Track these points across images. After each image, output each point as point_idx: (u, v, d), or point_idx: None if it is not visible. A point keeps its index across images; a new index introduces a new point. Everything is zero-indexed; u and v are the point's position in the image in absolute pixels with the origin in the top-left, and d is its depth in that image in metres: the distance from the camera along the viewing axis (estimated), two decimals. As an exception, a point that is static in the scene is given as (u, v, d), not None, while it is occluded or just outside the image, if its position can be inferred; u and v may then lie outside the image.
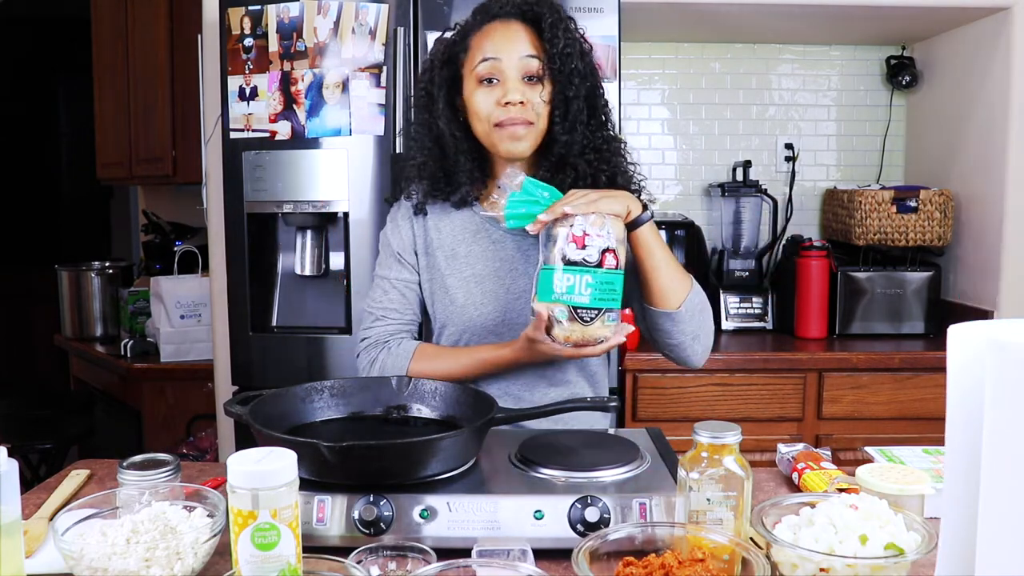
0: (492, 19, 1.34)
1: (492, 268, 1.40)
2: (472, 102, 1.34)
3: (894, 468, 1.02)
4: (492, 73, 1.32)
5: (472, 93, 1.34)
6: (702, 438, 0.92)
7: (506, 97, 1.30)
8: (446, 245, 1.42)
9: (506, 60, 1.31)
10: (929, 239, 2.52)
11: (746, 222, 2.72)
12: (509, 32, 1.33)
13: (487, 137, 1.34)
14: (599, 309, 1.19)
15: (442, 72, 1.37)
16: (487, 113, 1.32)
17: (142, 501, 1.00)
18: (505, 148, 1.33)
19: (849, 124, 2.95)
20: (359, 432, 1.20)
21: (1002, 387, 0.62)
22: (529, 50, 1.32)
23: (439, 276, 1.42)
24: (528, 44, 1.32)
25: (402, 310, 1.45)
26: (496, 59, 1.31)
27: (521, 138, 1.32)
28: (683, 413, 2.28)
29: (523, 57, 1.31)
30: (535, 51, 1.32)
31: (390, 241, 1.46)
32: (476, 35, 1.35)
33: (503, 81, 1.31)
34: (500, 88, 1.31)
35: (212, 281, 2.41)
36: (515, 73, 1.31)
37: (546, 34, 1.31)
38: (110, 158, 3.58)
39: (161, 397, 2.89)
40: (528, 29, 1.33)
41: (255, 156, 2.01)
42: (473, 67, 1.33)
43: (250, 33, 2.00)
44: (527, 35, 1.33)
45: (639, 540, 0.89)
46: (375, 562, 0.90)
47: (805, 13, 2.48)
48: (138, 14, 3.27)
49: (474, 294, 1.40)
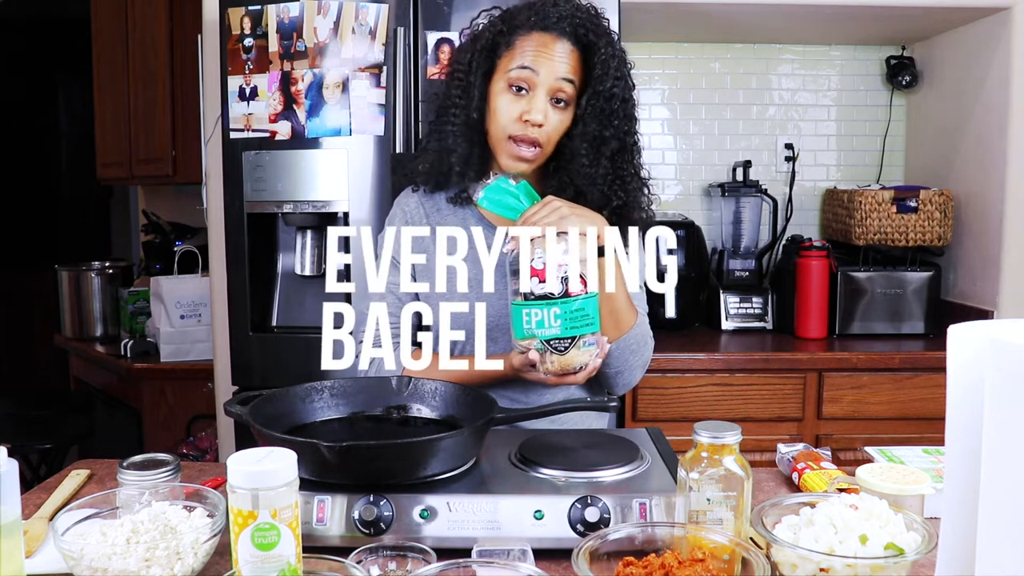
0: (545, 28, 1.30)
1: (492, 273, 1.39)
2: (496, 103, 1.31)
3: (894, 468, 1.02)
4: (524, 83, 1.29)
5: (499, 94, 1.31)
6: (702, 438, 0.92)
7: (529, 114, 1.28)
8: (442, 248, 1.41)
9: (543, 75, 1.28)
10: (929, 239, 2.52)
11: (746, 222, 2.72)
12: (555, 48, 1.29)
13: (496, 144, 1.33)
14: (572, 337, 1.18)
15: (480, 58, 1.33)
16: (506, 122, 1.30)
17: (142, 501, 1.00)
18: (506, 162, 1.32)
19: (849, 124, 2.95)
20: (359, 432, 1.20)
21: (1002, 387, 0.62)
22: (568, 73, 1.29)
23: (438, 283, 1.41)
24: (569, 67, 1.29)
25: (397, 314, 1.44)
26: (533, 70, 1.28)
27: (526, 160, 1.31)
28: (683, 413, 2.28)
29: (559, 78, 1.28)
30: (574, 75, 1.29)
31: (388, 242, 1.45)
32: (523, 37, 1.31)
33: (532, 95, 1.29)
34: (526, 101, 1.29)
35: (212, 281, 2.41)
36: (545, 91, 1.29)
37: (596, 70, 1.28)
38: (110, 158, 3.58)
39: (161, 397, 2.89)
40: (576, 52, 1.30)
41: (255, 156, 2.01)
42: (508, 68, 1.30)
43: (250, 33, 2.00)
44: (573, 57, 1.29)
45: (639, 540, 0.89)
46: (375, 562, 0.90)
47: (805, 13, 2.48)
48: (138, 14, 3.27)
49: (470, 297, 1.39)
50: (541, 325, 1.18)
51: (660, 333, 1.60)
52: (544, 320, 1.17)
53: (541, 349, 1.20)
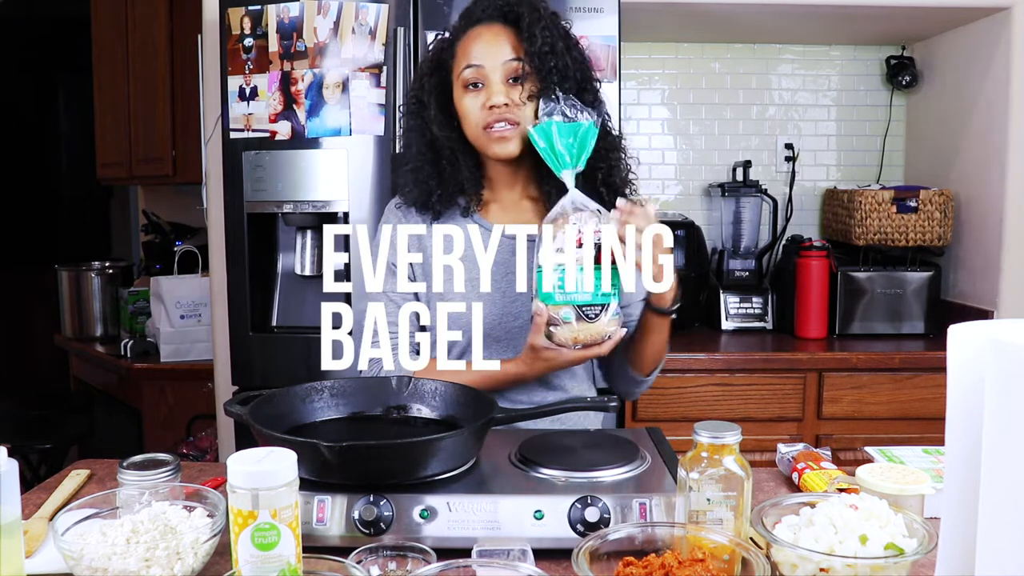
0: (476, 23, 1.36)
1: (488, 273, 1.39)
2: (461, 107, 1.36)
3: (894, 468, 1.02)
4: (476, 78, 1.34)
5: (460, 99, 1.36)
6: (702, 438, 0.92)
7: (490, 100, 1.32)
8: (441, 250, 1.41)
9: (489, 65, 1.33)
10: (929, 239, 2.52)
11: (746, 222, 2.72)
12: (491, 36, 1.34)
13: (477, 140, 1.36)
14: (603, 305, 1.20)
15: (431, 78, 1.39)
16: (475, 118, 1.34)
17: (142, 501, 1.00)
18: (494, 150, 1.35)
19: (849, 124, 2.95)
20: (359, 432, 1.20)
21: (1002, 387, 0.62)
22: (510, 53, 1.33)
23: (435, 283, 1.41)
24: (509, 47, 1.34)
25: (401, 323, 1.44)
26: (479, 65, 1.33)
27: (509, 139, 1.33)
28: (683, 413, 2.28)
29: (505, 61, 1.33)
30: (516, 53, 1.33)
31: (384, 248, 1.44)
32: (462, 40, 1.36)
33: (487, 85, 1.33)
34: (485, 92, 1.33)
35: (212, 281, 2.41)
36: (498, 76, 1.33)
37: (524, 34, 1.33)
38: (110, 158, 3.58)
39: (161, 397, 2.89)
40: (510, 31, 1.35)
41: (255, 156, 2.01)
42: (459, 73, 1.35)
43: (250, 33, 2.00)
44: (509, 37, 1.34)
45: (639, 540, 0.89)
46: (375, 562, 0.90)
47: (805, 13, 2.48)
48: (138, 14, 3.27)
49: (468, 297, 1.39)
50: (576, 290, 1.18)
51: (660, 333, 1.60)
52: (579, 284, 1.18)
53: (569, 318, 1.20)
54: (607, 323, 1.21)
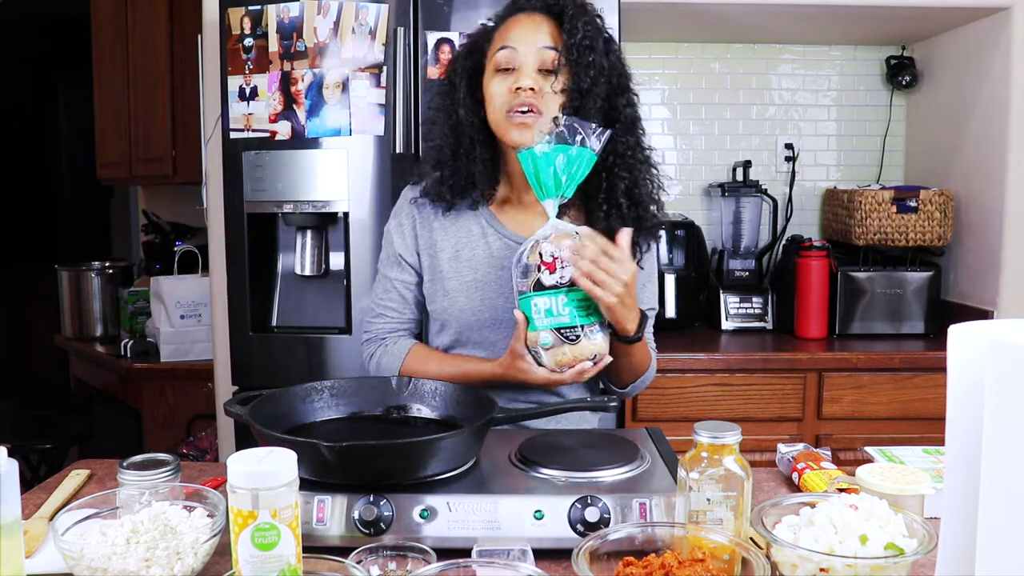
0: (518, 11, 1.36)
1: (493, 274, 1.39)
2: (488, 89, 1.35)
3: (893, 468, 1.02)
4: (509, 62, 1.33)
5: (489, 81, 1.35)
6: (702, 438, 0.92)
7: (518, 83, 1.31)
8: (449, 247, 1.42)
9: (523, 50, 1.32)
10: (929, 239, 2.52)
11: (746, 222, 2.72)
12: (531, 24, 1.34)
13: (498, 126, 1.35)
14: (581, 325, 1.21)
15: (466, 62, 1.39)
16: (500, 100, 1.33)
17: (142, 501, 1.00)
18: (512, 136, 1.33)
19: (849, 124, 2.95)
20: (359, 432, 1.20)
21: (1002, 387, 0.62)
22: (547, 41, 1.33)
23: (440, 277, 1.42)
24: (548, 36, 1.33)
25: (401, 309, 1.47)
26: (513, 48, 1.32)
27: (529, 126, 1.31)
28: (683, 413, 2.28)
29: (540, 48, 1.32)
30: (554, 42, 1.33)
31: (393, 239, 1.47)
32: (500, 28, 1.37)
33: (518, 69, 1.32)
34: (514, 75, 1.32)
35: (212, 281, 2.41)
36: (531, 62, 1.32)
37: (566, 25, 1.32)
38: (110, 158, 3.58)
39: (161, 397, 2.89)
40: (551, 22, 1.34)
41: (255, 156, 2.01)
42: (493, 55, 1.35)
43: (250, 33, 2.00)
44: (549, 28, 1.34)
45: (639, 540, 0.89)
46: (375, 562, 0.90)
47: (805, 13, 2.48)
48: (138, 14, 3.26)
49: (473, 299, 1.39)
50: (550, 313, 1.19)
51: (660, 333, 1.61)
52: (553, 308, 1.19)
53: (548, 344, 1.20)
54: (588, 343, 1.21)
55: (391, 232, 1.47)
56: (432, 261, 1.43)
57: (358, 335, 2.00)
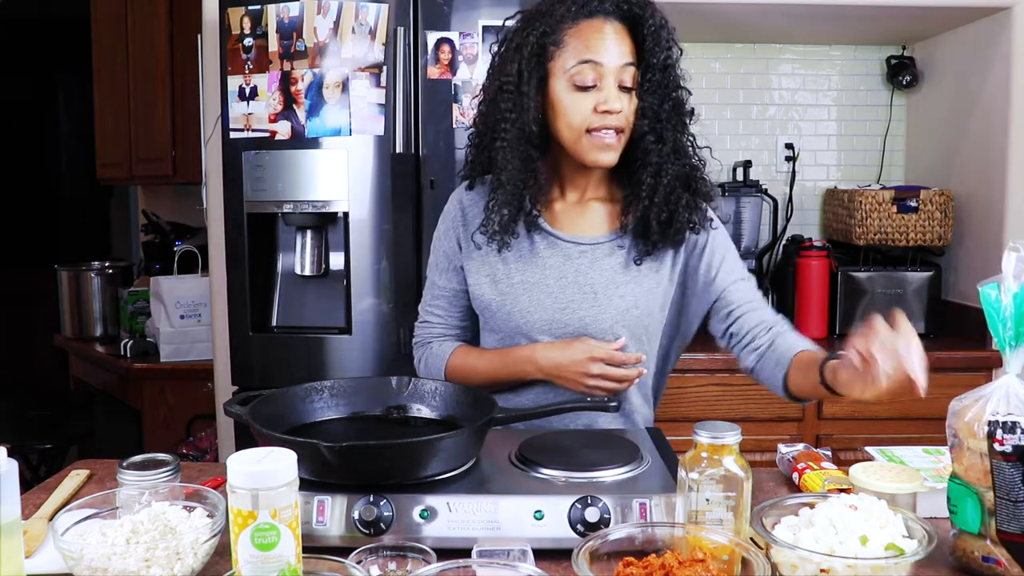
0: (590, 15, 1.26)
1: (539, 276, 1.35)
2: (563, 104, 1.26)
3: (885, 467, 1.02)
4: (594, 78, 1.24)
5: (564, 94, 1.26)
6: (702, 438, 0.92)
7: (606, 104, 1.24)
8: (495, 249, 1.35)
9: (607, 65, 1.24)
10: (929, 239, 2.52)
11: (746, 222, 2.72)
12: (608, 33, 1.25)
13: (574, 144, 1.28)
14: None
15: (530, 65, 1.26)
16: (580, 117, 1.25)
17: (142, 501, 1.00)
18: (593, 158, 1.27)
19: (849, 124, 2.95)
20: (359, 432, 1.20)
21: None
22: (628, 57, 1.25)
23: (488, 280, 1.37)
24: (627, 50, 1.26)
25: (446, 316, 1.45)
26: (597, 63, 1.24)
27: (611, 147, 1.27)
28: (683, 413, 2.28)
29: (622, 65, 1.25)
30: (632, 58, 1.26)
31: (442, 245, 1.42)
32: (571, 30, 1.26)
33: (601, 87, 1.24)
34: (597, 93, 1.25)
35: (212, 281, 2.41)
36: (613, 79, 1.25)
37: (648, 43, 1.25)
38: (110, 158, 3.57)
39: (161, 397, 2.89)
40: (626, 31, 1.26)
41: (255, 156, 2.01)
42: (568, 67, 1.25)
43: (250, 33, 2.00)
44: (626, 38, 1.26)
45: (639, 540, 0.89)
46: (375, 562, 0.90)
47: (805, 13, 2.48)
48: (138, 14, 3.26)
49: (521, 301, 1.35)
50: None
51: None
52: None
53: None
54: None
55: (439, 238, 1.43)
56: (478, 264, 1.38)
57: (358, 335, 2.01)
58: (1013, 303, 0.92)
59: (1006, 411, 0.89)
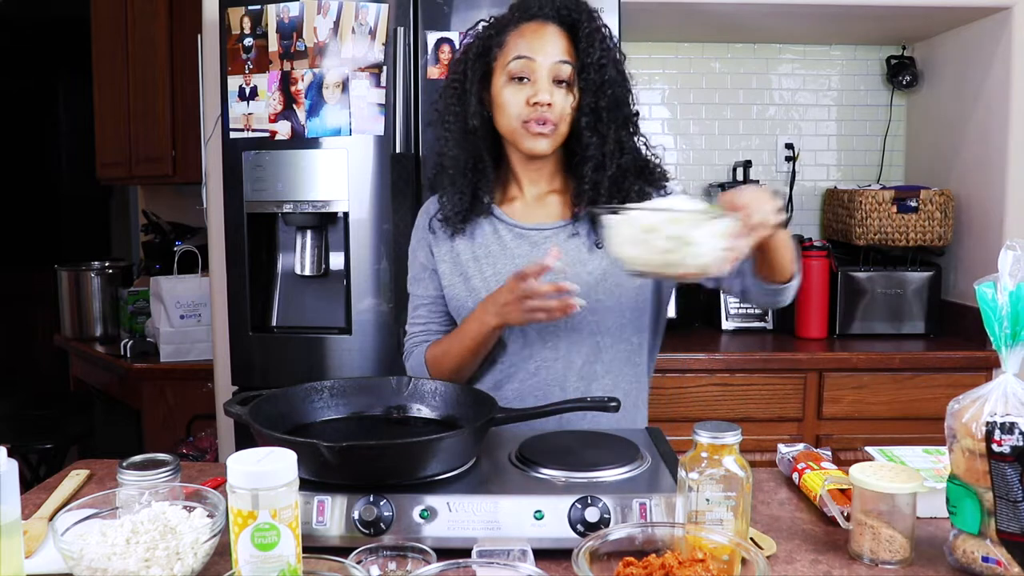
0: (531, 18, 1.36)
1: (510, 267, 1.40)
2: (501, 97, 1.35)
3: (885, 467, 1.02)
4: (524, 72, 1.33)
5: (502, 88, 1.35)
6: (702, 438, 0.92)
7: (536, 97, 1.32)
8: (467, 249, 1.44)
9: (539, 60, 1.33)
10: (929, 239, 2.52)
11: (746, 222, 2.72)
12: (545, 33, 1.35)
13: (511, 133, 1.36)
14: None
15: (475, 65, 1.38)
16: (516, 110, 1.34)
17: (142, 501, 1.00)
18: (527, 145, 1.35)
19: (849, 124, 2.95)
20: (359, 432, 1.20)
21: None
22: (562, 55, 1.34)
23: (461, 279, 1.43)
24: (562, 49, 1.34)
25: (426, 323, 1.49)
26: (530, 58, 1.33)
27: (545, 136, 1.34)
28: (683, 413, 2.28)
29: (556, 62, 1.33)
30: (568, 56, 1.34)
31: (417, 257, 1.49)
32: (513, 32, 1.36)
33: (534, 81, 1.33)
34: (530, 87, 1.33)
35: (212, 281, 2.41)
36: (546, 74, 1.33)
37: (582, 44, 1.34)
38: (110, 158, 3.58)
39: (161, 397, 2.89)
40: (564, 34, 1.35)
41: (255, 156, 2.01)
42: (506, 63, 1.35)
43: (250, 33, 2.00)
44: (562, 39, 1.35)
45: (639, 540, 0.89)
46: (375, 562, 0.90)
47: (805, 13, 2.48)
48: (138, 14, 3.26)
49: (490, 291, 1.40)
50: None
51: (660, 333, 1.60)
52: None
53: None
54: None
55: (413, 251, 1.50)
56: (451, 267, 1.44)
57: (358, 335, 2.01)
58: (1009, 302, 0.92)
59: (1004, 411, 0.89)
